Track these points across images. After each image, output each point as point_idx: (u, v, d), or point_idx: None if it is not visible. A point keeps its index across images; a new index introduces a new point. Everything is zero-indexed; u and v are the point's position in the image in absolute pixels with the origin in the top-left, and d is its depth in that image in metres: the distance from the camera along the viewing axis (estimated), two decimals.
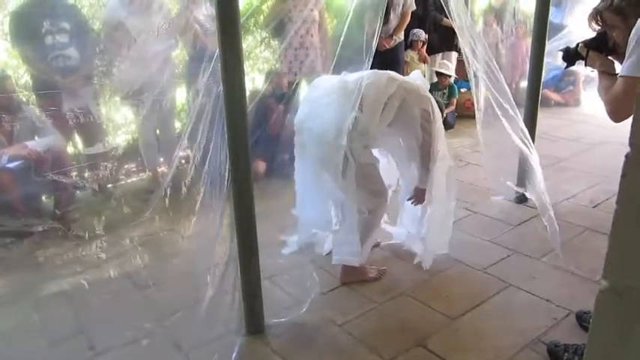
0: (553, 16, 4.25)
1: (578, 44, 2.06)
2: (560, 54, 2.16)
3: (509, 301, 2.63)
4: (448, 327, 2.44)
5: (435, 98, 2.78)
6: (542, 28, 3.41)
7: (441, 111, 2.81)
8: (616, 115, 1.80)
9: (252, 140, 2.34)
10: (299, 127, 2.72)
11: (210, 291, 2.33)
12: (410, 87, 2.64)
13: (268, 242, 2.87)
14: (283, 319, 2.51)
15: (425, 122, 2.62)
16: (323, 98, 2.62)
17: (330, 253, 2.95)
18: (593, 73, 2.42)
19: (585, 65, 2.04)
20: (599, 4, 1.86)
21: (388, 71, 2.65)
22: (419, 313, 2.56)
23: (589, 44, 2.01)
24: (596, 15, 1.88)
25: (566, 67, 2.25)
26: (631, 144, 0.72)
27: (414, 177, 2.84)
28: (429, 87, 2.98)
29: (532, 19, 3.51)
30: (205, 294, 2.33)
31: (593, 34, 2.01)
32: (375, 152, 2.80)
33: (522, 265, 2.95)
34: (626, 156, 0.73)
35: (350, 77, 2.63)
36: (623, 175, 0.74)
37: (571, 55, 2.11)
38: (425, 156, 2.69)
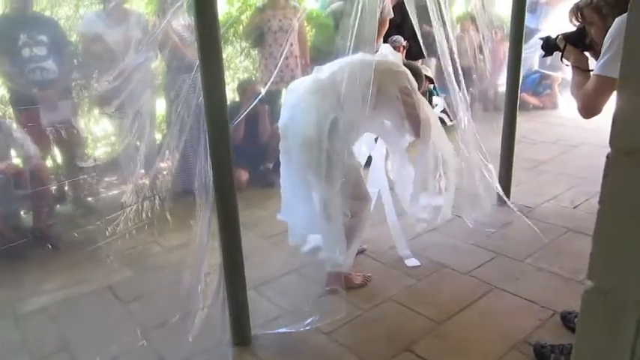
0: (528, 21, 4.29)
1: (558, 35, 2.09)
2: (540, 43, 2.19)
3: (494, 303, 2.64)
4: (435, 331, 2.44)
5: (410, 65, 2.78)
6: (518, 33, 3.46)
7: (419, 75, 2.82)
8: (586, 112, 1.84)
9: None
10: (283, 131, 2.70)
11: (202, 301, 2.31)
12: (383, 67, 2.63)
13: (253, 251, 2.86)
14: (270, 331, 2.49)
15: (406, 97, 2.62)
16: (300, 102, 2.60)
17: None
18: (567, 77, 2.46)
19: (561, 58, 2.08)
20: (580, 1, 1.91)
21: (359, 55, 2.63)
22: (405, 318, 2.56)
23: (568, 37, 2.04)
24: (577, 11, 1.93)
25: (544, 57, 2.28)
26: (611, 145, 0.73)
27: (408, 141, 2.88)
28: (401, 59, 2.98)
29: (509, 25, 3.56)
30: (197, 305, 2.30)
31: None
32: (357, 152, 2.80)
33: (506, 267, 2.97)
34: (608, 156, 0.74)
35: (322, 74, 2.61)
36: (605, 175, 0.75)
37: (550, 46, 2.13)
38: (414, 125, 2.71)
